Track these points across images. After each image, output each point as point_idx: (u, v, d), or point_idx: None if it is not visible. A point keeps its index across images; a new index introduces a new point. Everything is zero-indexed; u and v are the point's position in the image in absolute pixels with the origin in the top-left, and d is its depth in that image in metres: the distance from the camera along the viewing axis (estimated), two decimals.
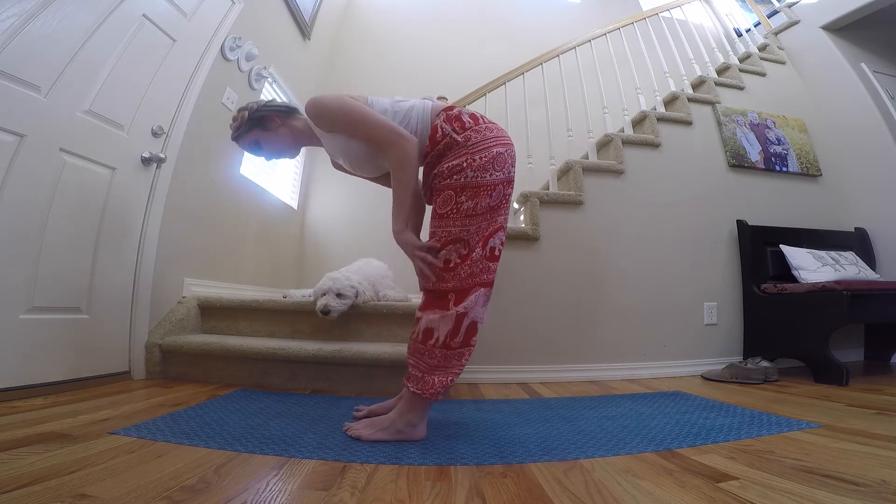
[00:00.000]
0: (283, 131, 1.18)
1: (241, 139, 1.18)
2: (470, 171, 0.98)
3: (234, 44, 2.01)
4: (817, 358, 1.78)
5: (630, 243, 2.11)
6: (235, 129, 1.17)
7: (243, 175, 2.29)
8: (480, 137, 1.01)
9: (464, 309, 0.96)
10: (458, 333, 0.96)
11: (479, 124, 1.03)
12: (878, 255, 2.39)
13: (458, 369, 0.99)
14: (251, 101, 1.20)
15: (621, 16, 2.76)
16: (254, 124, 1.16)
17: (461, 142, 1.00)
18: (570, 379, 1.88)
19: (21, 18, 1.16)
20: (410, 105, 1.10)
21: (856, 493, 0.67)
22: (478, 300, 0.99)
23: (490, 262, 1.01)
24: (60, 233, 1.33)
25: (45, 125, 1.26)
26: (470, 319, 0.98)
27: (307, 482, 0.72)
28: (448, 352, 0.97)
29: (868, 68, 2.63)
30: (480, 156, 0.98)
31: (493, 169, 0.99)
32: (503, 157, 1.01)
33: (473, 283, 0.98)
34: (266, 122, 1.17)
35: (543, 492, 0.70)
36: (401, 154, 1.01)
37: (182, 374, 1.59)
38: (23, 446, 0.81)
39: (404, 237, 1.02)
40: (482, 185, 0.98)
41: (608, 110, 2.42)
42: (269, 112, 1.17)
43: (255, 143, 1.18)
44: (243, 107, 1.18)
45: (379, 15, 3.67)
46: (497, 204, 1.00)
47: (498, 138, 1.03)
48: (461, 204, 0.97)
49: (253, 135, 1.17)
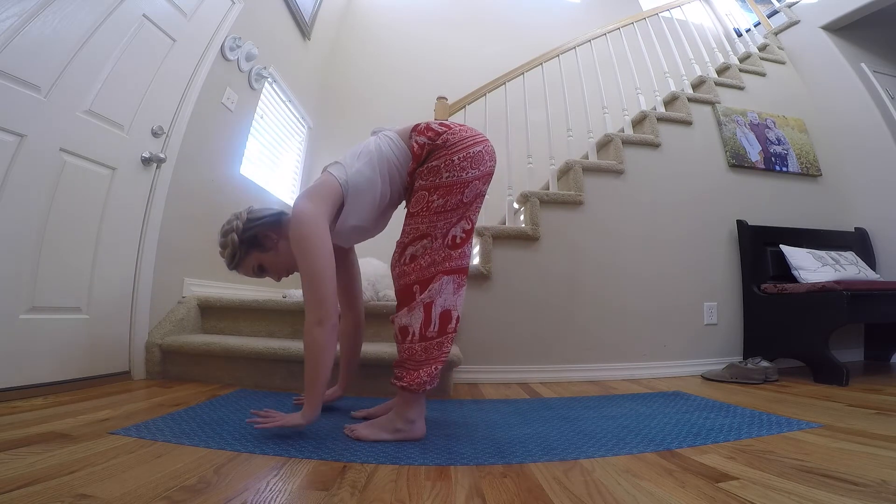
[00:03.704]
0: (283, 245, 1.06)
1: (240, 267, 1.08)
2: (446, 171, 0.99)
3: (234, 44, 2.01)
4: (817, 358, 1.78)
5: (630, 243, 2.11)
6: (230, 257, 1.06)
7: (243, 175, 2.29)
8: (457, 138, 1.02)
9: (429, 298, 0.98)
10: (430, 323, 0.98)
11: (451, 128, 1.04)
12: (878, 255, 2.39)
13: (443, 357, 1.00)
14: (232, 218, 1.07)
15: (621, 16, 2.76)
16: (249, 247, 1.06)
17: (440, 144, 1.01)
18: (570, 379, 1.88)
19: (21, 18, 1.16)
20: (375, 144, 1.06)
21: (856, 493, 0.67)
22: (443, 288, 0.99)
23: (451, 250, 1.01)
24: (60, 233, 1.33)
25: (45, 125, 1.26)
26: (440, 308, 0.99)
27: (307, 482, 0.72)
28: (427, 343, 0.98)
29: (868, 68, 2.63)
30: (459, 156, 1.00)
31: (471, 167, 1.00)
32: (481, 155, 1.02)
33: (435, 271, 0.99)
34: (261, 242, 1.07)
35: (543, 492, 0.70)
36: (310, 339, 0.91)
37: (182, 374, 1.59)
38: (23, 446, 0.81)
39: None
40: (456, 183, 0.99)
41: (608, 110, 2.43)
42: (259, 229, 1.06)
43: (260, 269, 1.09)
44: (227, 227, 1.06)
45: (379, 15, 3.67)
46: (470, 200, 1.02)
47: (474, 137, 1.04)
48: (432, 202, 0.99)
49: (252, 260, 1.08)
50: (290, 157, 2.96)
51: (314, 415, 0.93)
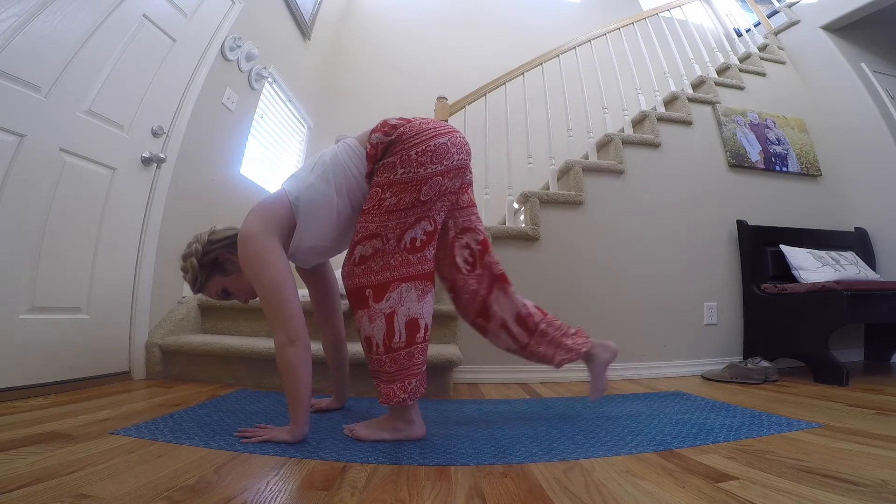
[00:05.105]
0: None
1: (205, 290, 1.05)
2: (401, 168, 0.92)
3: (234, 44, 2.01)
4: (817, 358, 1.78)
5: (630, 243, 2.11)
6: (192, 281, 1.02)
7: (243, 175, 2.29)
8: (414, 131, 0.94)
9: (388, 308, 0.92)
10: (395, 333, 0.92)
11: (411, 121, 0.97)
12: (878, 255, 2.39)
13: (416, 369, 0.94)
14: (193, 240, 1.04)
15: (621, 16, 2.77)
16: (210, 271, 1.03)
17: (395, 139, 0.94)
18: (570, 379, 1.88)
19: (21, 18, 1.16)
20: (332, 153, 1.00)
21: (856, 493, 0.67)
22: (404, 296, 0.93)
23: (409, 255, 0.95)
24: (60, 233, 1.33)
25: (45, 125, 1.26)
26: (405, 317, 0.93)
27: (307, 482, 0.71)
28: (394, 355, 0.92)
29: (868, 68, 2.63)
30: (416, 150, 0.93)
31: (431, 162, 0.93)
32: (444, 147, 0.95)
33: (391, 277, 0.93)
34: (223, 266, 1.03)
35: (543, 492, 0.70)
36: (283, 360, 0.90)
37: (182, 374, 1.59)
38: (23, 446, 0.81)
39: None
40: (412, 180, 0.92)
41: (608, 110, 2.42)
42: (219, 252, 1.02)
43: (225, 293, 1.06)
44: (187, 251, 1.02)
45: (379, 15, 3.67)
46: (430, 198, 0.95)
47: (436, 129, 0.96)
48: (384, 200, 0.92)
49: (215, 283, 1.04)
50: (290, 157, 2.96)
51: (301, 431, 0.91)
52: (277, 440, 0.90)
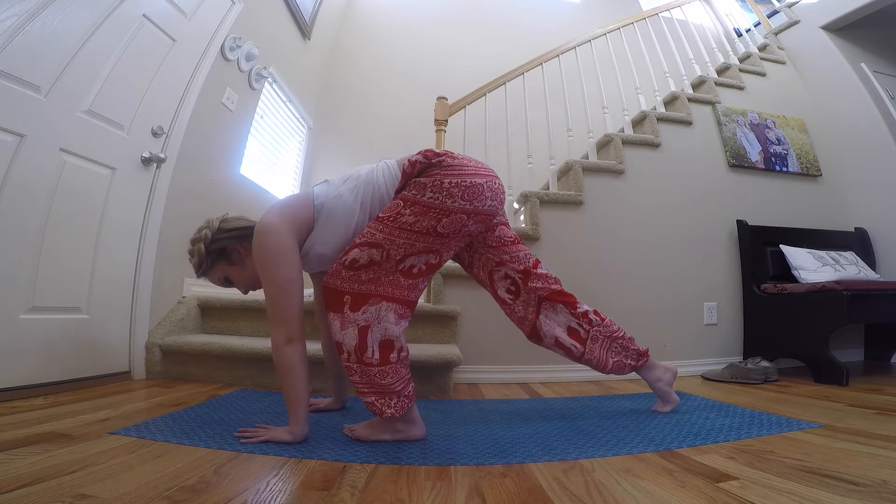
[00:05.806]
0: (250, 261, 1.02)
1: (208, 275, 1.06)
2: (430, 191, 0.91)
3: (234, 44, 2.01)
4: (817, 358, 1.78)
5: (630, 243, 2.11)
6: (197, 265, 1.03)
7: (243, 175, 2.29)
8: (456, 163, 0.95)
9: (364, 321, 0.89)
10: (366, 348, 0.89)
11: (455, 154, 0.97)
12: (878, 255, 2.39)
13: (392, 389, 0.91)
14: (203, 225, 1.05)
15: (621, 16, 2.76)
16: (216, 258, 1.04)
17: (435, 164, 0.94)
18: (570, 379, 1.88)
19: (21, 18, 1.16)
20: (368, 169, 1.01)
21: (856, 493, 0.67)
22: (382, 315, 0.91)
23: (403, 278, 0.93)
24: (60, 233, 1.33)
25: (45, 125, 1.26)
26: (380, 336, 0.90)
27: (307, 482, 0.72)
28: (365, 367, 0.90)
29: (868, 68, 2.63)
30: (450, 180, 0.92)
31: (461, 198, 0.92)
32: (479, 188, 0.94)
33: (375, 291, 0.91)
34: (229, 255, 1.04)
35: (543, 492, 0.70)
36: (280, 359, 0.90)
37: (182, 374, 1.59)
38: (23, 446, 0.81)
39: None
40: (436, 207, 0.91)
41: (608, 110, 2.42)
42: (227, 242, 1.03)
43: (227, 281, 1.07)
44: (196, 236, 1.04)
45: (379, 15, 3.66)
46: (447, 233, 0.93)
47: (477, 168, 0.96)
48: (402, 215, 0.91)
49: (219, 271, 1.05)
50: (289, 156, 2.96)
51: (301, 430, 0.90)
52: (278, 440, 0.90)
